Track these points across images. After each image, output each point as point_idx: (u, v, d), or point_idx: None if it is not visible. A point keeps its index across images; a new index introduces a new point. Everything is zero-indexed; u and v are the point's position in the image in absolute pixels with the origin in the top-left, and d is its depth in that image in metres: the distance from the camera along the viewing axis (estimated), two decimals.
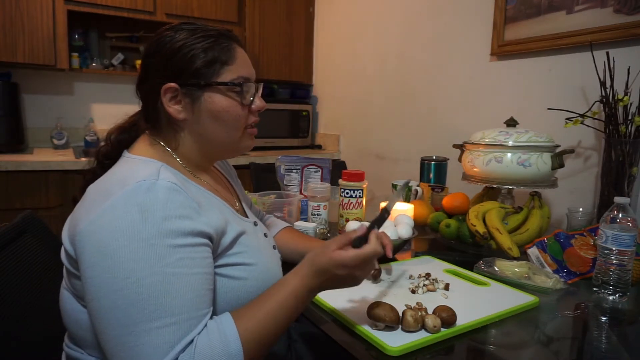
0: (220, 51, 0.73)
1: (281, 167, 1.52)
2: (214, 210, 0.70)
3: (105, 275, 0.58)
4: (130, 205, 0.60)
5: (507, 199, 1.35)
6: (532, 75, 1.65)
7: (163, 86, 0.71)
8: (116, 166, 0.71)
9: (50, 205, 2.03)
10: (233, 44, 0.75)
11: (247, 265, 0.72)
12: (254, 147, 2.80)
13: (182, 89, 0.72)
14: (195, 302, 0.61)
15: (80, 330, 0.68)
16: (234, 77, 0.74)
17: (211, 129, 0.75)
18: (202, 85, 0.72)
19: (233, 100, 0.74)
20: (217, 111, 0.73)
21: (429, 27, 2.11)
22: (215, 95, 0.73)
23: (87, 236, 0.60)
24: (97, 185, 0.67)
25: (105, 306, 0.58)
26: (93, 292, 0.59)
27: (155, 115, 0.75)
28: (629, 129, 1.25)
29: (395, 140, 2.36)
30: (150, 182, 0.62)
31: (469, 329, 0.74)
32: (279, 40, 2.87)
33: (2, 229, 0.84)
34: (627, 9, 1.33)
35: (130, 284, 0.57)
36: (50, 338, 0.80)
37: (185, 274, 0.60)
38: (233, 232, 0.71)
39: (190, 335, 0.59)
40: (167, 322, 0.58)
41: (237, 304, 0.69)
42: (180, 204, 0.63)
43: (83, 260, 0.61)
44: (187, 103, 0.73)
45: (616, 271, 0.90)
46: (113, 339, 0.58)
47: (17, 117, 2.30)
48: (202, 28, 0.74)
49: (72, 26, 2.37)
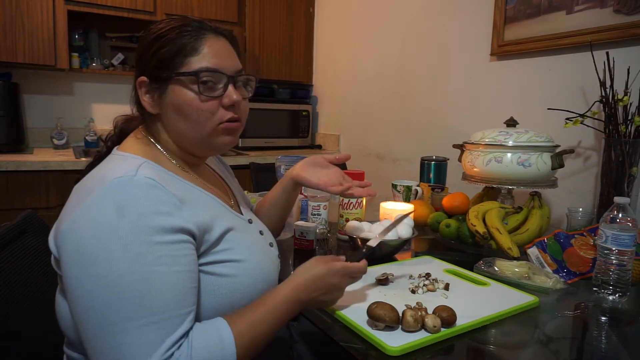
0: (188, 41, 0.70)
1: (281, 167, 1.52)
2: (199, 206, 0.68)
3: (83, 274, 0.58)
4: (107, 203, 0.59)
5: (507, 199, 1.35)
6: (532, 75, 1.65)
7: (137, 80, 0.72)
8: (101, 164, 0.70)
9: (50, 205, 2.03)
10: (205, 34, 0.72)
11: (235, 262, 0.71)
12: (254, 147, 2.81)
13: (151, 82, 0.72)
14: (176, 301, 0.60)
15: (74, 334, 0.67)
16: (197, 67, 0.70)
17: (177, 123, 0.73)
18: (165, 78, 0.71)
19: (194, 93, 0.70)
20: (179, 105, 0.71)
21: (429, 27, 2.11)
22: (178, 87, 0.71)
23: (67, 236, 0.60)
24: (79, 185, 0.66)
25: (84, 306, 0.58)
26: (73, 291, 0.59)
27: (140, 109, 0.75)
28: (629, 129, 1.25)
29: (395, 140, 2.36)
30: (127, 178, 0.61)
31: (469, 329, 0.74)
32: (279, 40, 2.87)
33: (2, 229, 0.84)
34: (627, 9, 1.33)
35: (108, 283, 0.57)
36: (51, 338, 0.80)
37: (165, 273, 0.59)
38: (220, 228, 0.70)
39: (175, 334, 0.58)
40: (147, 321, 0.57)
41: (226, 302, 0.69)
42: (158, 199, 0.61)
43: (63, 260, 0.60)
44: (156, 96, 0.72)
45: (616, 271, 0.90)
46: (93, 339, 0.57)
47: (17, 117, 2.30)
48: (179, 19, 0.73)
49: (72, 26, 2.37)
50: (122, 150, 0.72)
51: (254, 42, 2.76)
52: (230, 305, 0.68)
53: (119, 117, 0.80)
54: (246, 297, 0.71)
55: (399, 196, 1.54)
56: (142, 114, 0.76)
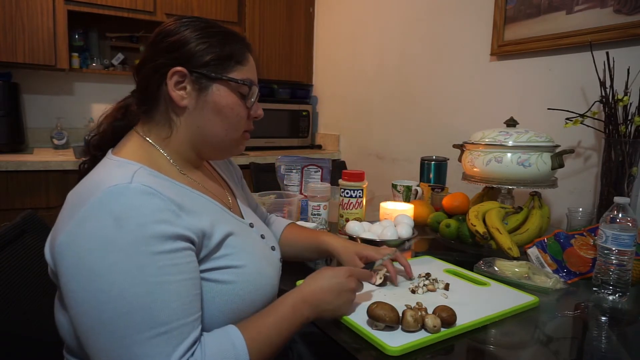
0: (237, 50, 0.74)
1: (281, 167, 1.52)
2: (198, 211, 0.67)
3: (86, 289, 0.56)
4: (103, 213, 0.57)
5: (507, 199, 1.35)
6: (532, 75, 1.65)
7: (171, 69, 0.69)
8: (95, 169, 0.68)
9: (50, 205, 2.03)
10: (246, 48, 0.77)
11: (235, 268, 0.70)
12: (254, 147, 2.81)
13: (191, 76, 0.71)
14: (183, 310, 0.59)
15: (73, 343, 0.66)
16: (244, 78, 0.74)
17: (212, 122, 0.73)
18: (214, 77, 0.72)
19: (239, 100, 0.74)
20: (222, 106, 0.73)
21: (429, 27, 2.11)
22: (224, 89, 0.73)
23: (63, 249, 0.58)
24: (74, 192, 0.64)
25: (90, 321, 0.56)
26: (76, 306, 0.57)
27: (153, 99, 0.73)
28: (629, 129, 1.25)
29: (395, 140, 2.36)
30: (123, 187, 0.59)
31: (469, 329, 0.74)
32: (279, 40, 2.87)
33: (2, 229, 0.84)
34: (627, 9, 1.33)
35: (113, 297, 0.55)
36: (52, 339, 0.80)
37: (169, 282, 0.58)
38: (220, 233, 0.69)
39: (186, 342, 0.58)
40: (158, 332, 0.56)
41: (227, 308, 0.68)
42: (156, 207, 0.59)
43: (62, 274, 0.58)
44: (193, 90, 0.71)
45: (616, 271, 0.90)
46: (103, 354, 0.56)
47: (17, 117, 2.30)
48: (217, 24, 0.75)
49: (72, 26, 2.37)
50: (117, 154, 0.70)
51: (254, 42, 2.76)
52: (230, 311, 0.68)
53: (100, 119, 0.78)
54: (246, 302, 0.70)
55: (399, 196, 1.54)
56: (152, 102, 0.73)
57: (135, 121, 0.77)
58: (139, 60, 0.75)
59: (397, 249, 0.95)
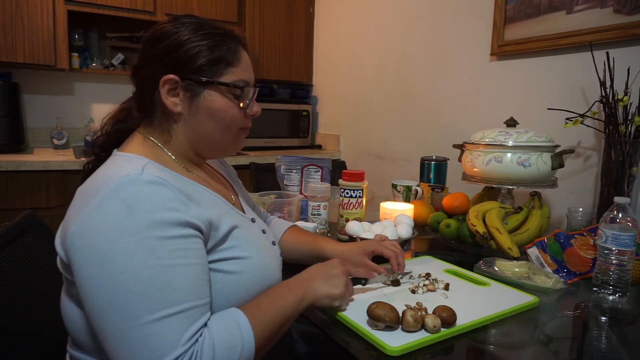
0: (227, 52, 0.74)
1: (281, 167, 1.52)
2: (205, 203, 0.69)
3: (99, 274, 0.57)
4: (116, 201, 0.59)
5: (507, 199, 1.35)
6: (532, 75, 1.65)
7: (163, 77, 0.70)
8: (103, 166, 0.69)
9: (51, 205, 2.03)
10: (239, 46, 0.76)
11: (242, 259, 0.71)
12: (254, 147, 2.81)
13: (182, 83, 0.71)
14: (195, 292, 0.61)
15: (81, 335, 0.67)
16: (236, 79, 0.74)
17: (206, 126, 0.74)
18: (204, 83, 0.72)
19: (231, 102, 0.75)
20: (215, 110, 0.74)
21: (429, 27, 2.11)
22: (215, 94, 0.73)
23: (77, 238, 0.60)
24: (83, 187, 0.66)
25: (103, 304, 0.57)
26: (89, 292, 0.58)
27: (149, 105, 0.74)
28: (629, 129, 1.25)
29: (395, 140, 2.36)
30: (134, 177, 0.61)
31: (469, 329, 0.74)
32: (279, 40, 2.87)
33: (2, 229, 0.84)
34: (627, 9, 1.33)
35: (126, 279, 0.57)
36: (53, 338, 0.80)
37: (181, 265, 0.60)
38: (226, 225, 0.71)
39: (197, 324, 0.59)
40: (171, 311, 0.57)
41: (234, 298, 0.69)
42: (166, 196, 0.62)
43: (75, 262, 0.60)
44: (186, 97, 0.72)
45: (616, 271, 0.90)
46: (116, 336, 0.57)
47: (17, 117, 2.30)
48: (210, 24, 0.75)
49: (72, 26, 2.37)
50: (123, 151, 0.72)
51: (254, 42, 2.76)
52: (237, 302, 0.69)
53: (104, 120, 0.79)
54: (253, 293, 0.72)
55: (399, 196, 1.54)
56: (149, 108, 0.74)
57: (137, 124, 0.78)
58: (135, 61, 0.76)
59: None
